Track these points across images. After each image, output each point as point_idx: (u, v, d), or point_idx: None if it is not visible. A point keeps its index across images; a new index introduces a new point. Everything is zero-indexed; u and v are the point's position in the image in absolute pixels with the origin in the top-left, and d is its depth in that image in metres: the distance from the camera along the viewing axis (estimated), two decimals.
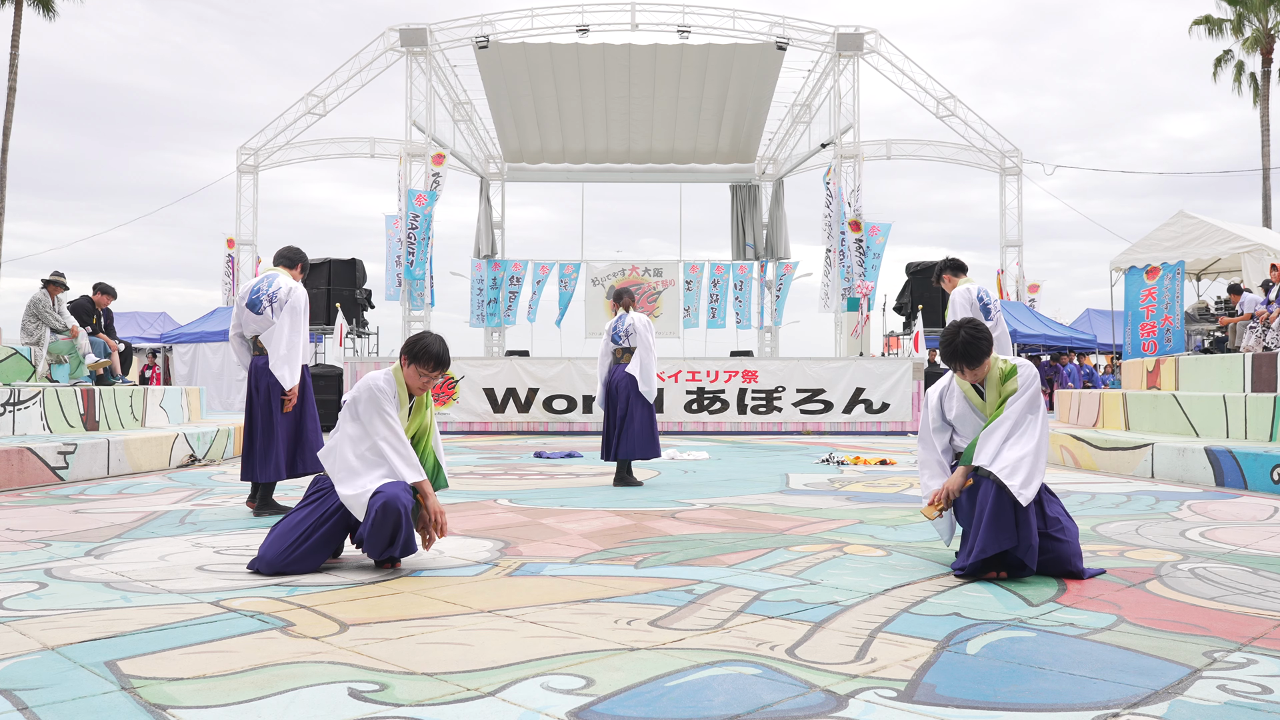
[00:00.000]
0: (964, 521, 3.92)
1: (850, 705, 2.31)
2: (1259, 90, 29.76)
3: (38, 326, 11.37)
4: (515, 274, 23.79)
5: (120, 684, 2.45)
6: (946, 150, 25.71)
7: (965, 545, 3.85)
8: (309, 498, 4.07)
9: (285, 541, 3.88)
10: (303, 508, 4.02)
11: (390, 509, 3.84)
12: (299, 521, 3.94)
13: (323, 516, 3.96)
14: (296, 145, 25.16)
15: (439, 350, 4.09)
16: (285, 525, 3.96)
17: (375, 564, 4.06)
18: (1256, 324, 12.17)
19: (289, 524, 3.96)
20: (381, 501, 3.84)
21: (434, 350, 4.08)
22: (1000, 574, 3.77)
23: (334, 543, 4.04)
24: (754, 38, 20.72)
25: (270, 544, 3.90)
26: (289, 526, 3.94)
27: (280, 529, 3.95)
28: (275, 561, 3.84)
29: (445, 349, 4.13)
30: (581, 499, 6.58)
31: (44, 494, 6.82)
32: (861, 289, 19.20)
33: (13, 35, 26.93)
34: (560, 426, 14.74)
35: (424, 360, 4.06)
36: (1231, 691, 2.42)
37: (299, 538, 3.89)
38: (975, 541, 3.73)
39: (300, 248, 6.18)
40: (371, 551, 3.93)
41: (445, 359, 4.11)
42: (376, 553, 3.93)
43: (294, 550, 3.87)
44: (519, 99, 22.34)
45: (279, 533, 3.93)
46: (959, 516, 3.99)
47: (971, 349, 3.85)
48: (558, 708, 2.28)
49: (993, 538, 3.68)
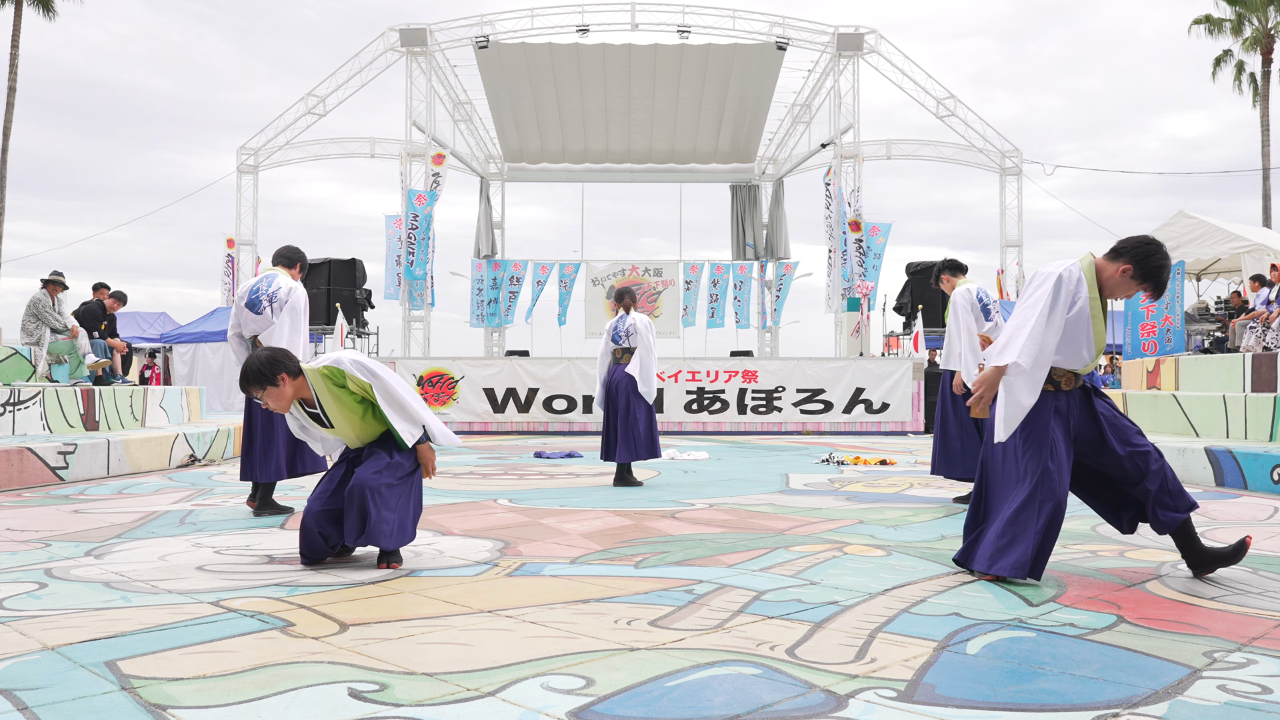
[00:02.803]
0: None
1: (850, 705, 2.31)
2: (1259, 90, 29.77)
3: (38, 326, 11.38)
4: (515, 274, 23.80)
5: (120, 684, 2.45)
6: (946, 150, 25.70)
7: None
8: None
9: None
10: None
11: (355, 490, 3.95)
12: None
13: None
14: (296, 145, 25.15)
15: (244, 372, 3.94)
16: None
17: (376, 563, 4.07)
18: (1256, 324, 12.17)
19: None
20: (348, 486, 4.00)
21: (242, 373, 3.98)
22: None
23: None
24: (754, 38, 20.72)
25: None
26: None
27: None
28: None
29: (254, 368, 3.89)
30: (581, 499, 6.58)
31: (44, 494, 6.82)
32: (861, 289, 19.21)
33: (13, 35, 26.94)
34: (560, 426, 14.74)
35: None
36: (1231, 691, 2.42)
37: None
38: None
39: (299, 247, 6.19)
40: (348, 537, 4.02)
41: (250, 377, 3.90)
42: (351, 538, 4.01)
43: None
44: (519, 99, 22.34)
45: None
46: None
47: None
48: (558, 708, 2.28)
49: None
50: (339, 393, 4.00)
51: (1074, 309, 3.64)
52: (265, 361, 3.91)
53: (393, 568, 4.03)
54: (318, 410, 4.03)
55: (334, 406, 4.01)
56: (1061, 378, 3.73)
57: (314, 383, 3.98)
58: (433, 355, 18.35)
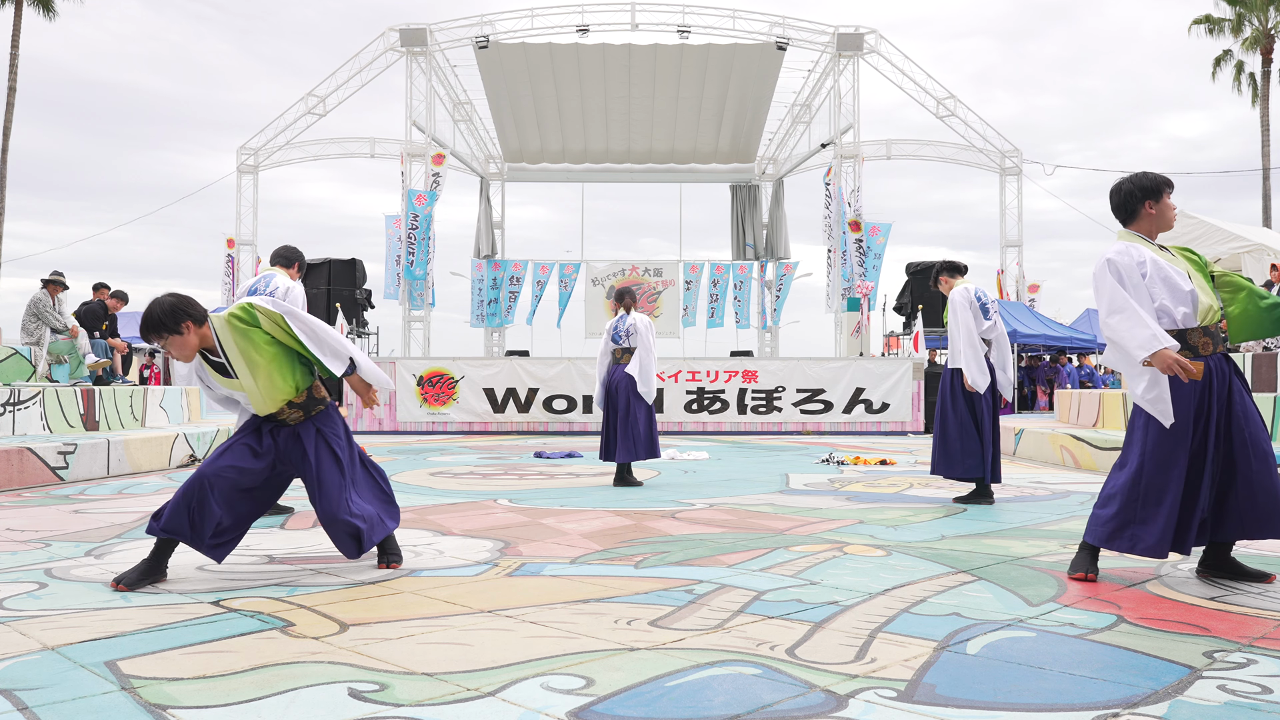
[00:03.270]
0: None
1: (850, 705, 2.31)
2: (1258, 90, 29.77)
3: (38, 326, 11.38)
4: (515, 274, 23.80)
5: (120, 684, 2.45)
6: (946, 150, 25.71)
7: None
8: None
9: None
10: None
11: (329, 524, 3.88)
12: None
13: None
14: (296, 145, 25.15)
15: (145, 319, 3.67)
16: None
17: (376, 564, 4.07)
18: None
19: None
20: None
21: (143, 321, 3.70)
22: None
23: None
24: (754, 38, 20.73)
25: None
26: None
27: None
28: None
29: (156, 315, 3.63)
30: (581, 499, 6.58)
31: (44, 494, 6.82)
32: (861, 289, 19.21)
33: (13, 35, 26.95)
34: (560, 426, 14.74)
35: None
36: (1231, 691, 2.42)
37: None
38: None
39: (296, 247, 6.24)
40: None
41: (152, 325, 3.64)
42: (356, 556, 3.97)
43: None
44: (519, 99, 22.34)
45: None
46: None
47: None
48: (558, 708, 2.28)
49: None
50: (250, 334, 3.71)
51: (1145, 274, 3.63)
52: (168, 308, 3.65)
53: (393, 567, 4.03)
54: (222, 360, 3.74)
55: (241, 352, 3.71)
56: (1198, 342, 3.66)
57: (219, 328, 3.70)
58: (433, 355, 18.35)
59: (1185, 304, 3.63)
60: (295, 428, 3.91)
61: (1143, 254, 3.67)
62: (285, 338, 3.77)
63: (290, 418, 3.90)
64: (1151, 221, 3.77)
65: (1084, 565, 3.81)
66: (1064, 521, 5.48)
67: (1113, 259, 3.64)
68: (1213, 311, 3.67)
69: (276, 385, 3.79)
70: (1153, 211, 3.76)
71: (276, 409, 3.86)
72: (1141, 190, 3.77)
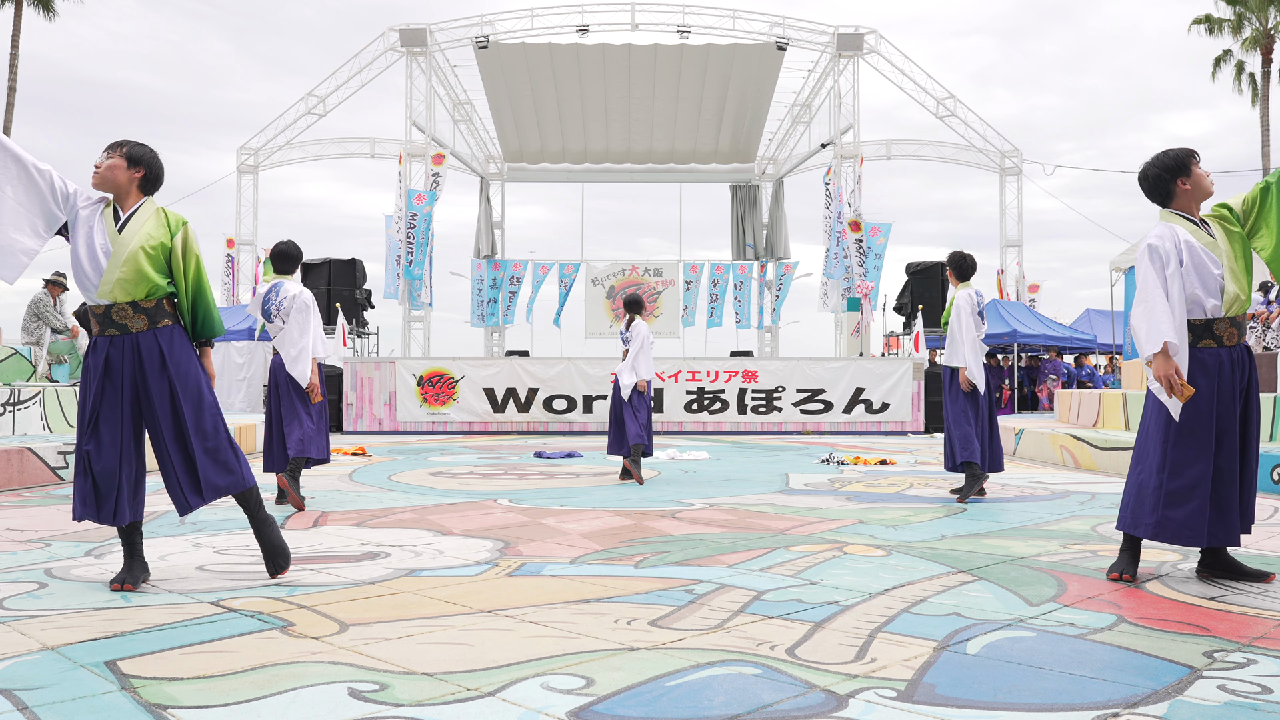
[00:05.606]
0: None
1: (850, 705, 2.31)
2: (1258, 90, 29.76)
3: (38, 326, 11.38)
4: (515, 274, 23.79)
5: (120, 684, 2.45)
6: (946, 150, 25.71)
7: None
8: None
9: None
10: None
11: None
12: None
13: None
14: (296, 145, 25.15)
15: (125, 141, 3.81)
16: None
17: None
18: (1256, 324, 12.17)
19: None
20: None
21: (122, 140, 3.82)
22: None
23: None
24: (754, 38, 20.72)
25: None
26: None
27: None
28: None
29: (132, 142, 3.80)
30: (581, 499, 6.59)
31: (44, 494, 6.82)
32: (861, 289, 19.20)
33: (13, 35, 26.92)
34: (560, 426, 14.74)
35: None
36: (1231, 691, 2.42)
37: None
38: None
39: (292, 244, 6.40)
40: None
41: (116, 143, 3.77)
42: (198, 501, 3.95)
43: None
44: (519, 99, 22.34)
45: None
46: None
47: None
48: (558, 708, 2.28)
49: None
50: (157, 233, 3.69)
51: (1185, 258, 3.62)
52: (136, 143, 3.80)
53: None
54: (122, 224, 3.68)
55: (140, 234, 3.66)
56: (1223, 332, 3.66)
57: (146, 205, 3.74)
58: (433, 355, 18.35)
59: (1215, 295, 3.65)
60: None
61: (1179, 238, 3.66)
62: (178, 265, 3.73)
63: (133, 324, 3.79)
64: (1188, 196, 3.76)
65: (1123, 566, 3.80)
66: (1064, 521, 5.49)
67: (1153, 244, 3.65)
68: (1239, 301, 3.67)
69: (143, 279, 3.68)
70: (1186, 187, 3.75)
71: (118, 297, 3.72)
72: (1169, 171, 3.77)
